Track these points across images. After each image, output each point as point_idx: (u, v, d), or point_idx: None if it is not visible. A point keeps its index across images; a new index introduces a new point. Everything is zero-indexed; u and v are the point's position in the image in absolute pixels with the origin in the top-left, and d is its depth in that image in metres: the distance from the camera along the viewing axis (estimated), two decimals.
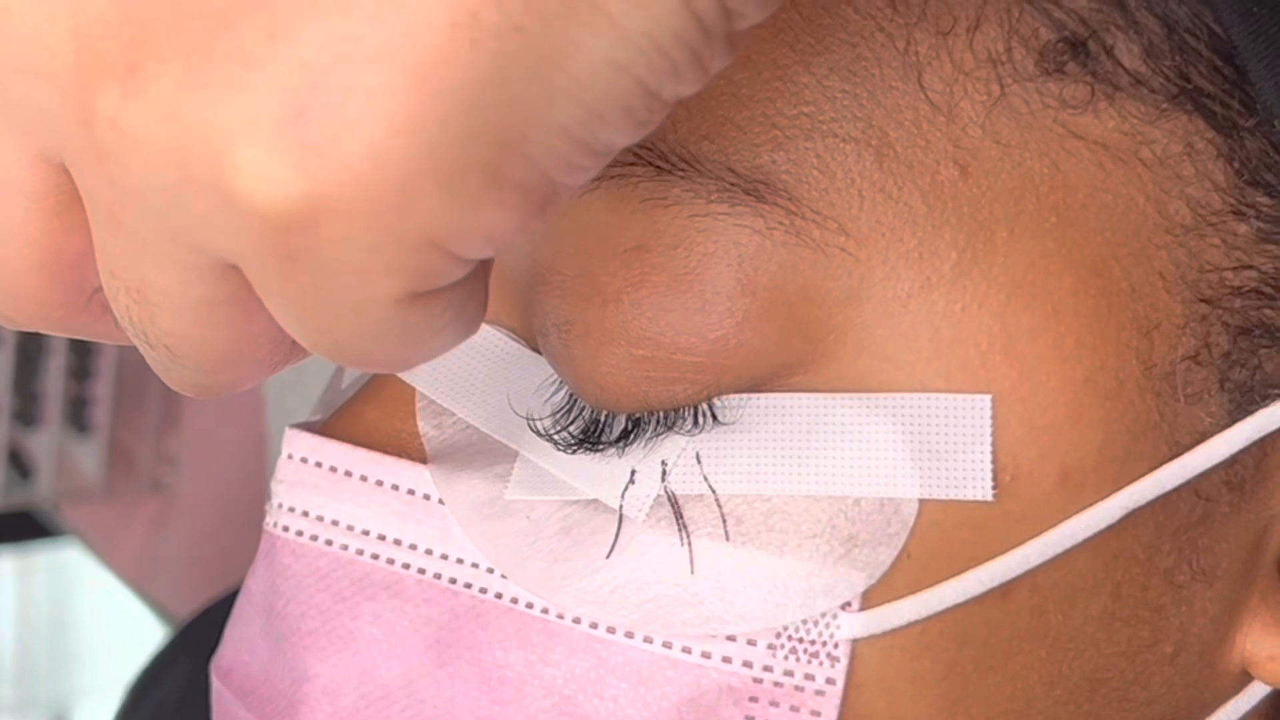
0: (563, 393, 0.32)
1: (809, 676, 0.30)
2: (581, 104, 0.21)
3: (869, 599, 0.29)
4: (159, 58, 0.22)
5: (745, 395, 0.30)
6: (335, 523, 0.33)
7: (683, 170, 0.29)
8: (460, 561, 0.32)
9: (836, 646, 0.29)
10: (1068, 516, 0.29)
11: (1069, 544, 0.29)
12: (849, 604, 0.29)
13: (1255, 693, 0.33)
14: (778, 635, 0.30)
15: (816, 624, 0.29)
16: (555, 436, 0.31)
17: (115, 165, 0.22)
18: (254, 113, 0.21)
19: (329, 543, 0.33)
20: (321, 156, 0.21)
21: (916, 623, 0.29)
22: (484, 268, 0.24)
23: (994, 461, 0.29)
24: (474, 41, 0.21)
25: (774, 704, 0.30)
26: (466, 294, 0.24)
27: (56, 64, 0.22)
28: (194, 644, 0.60)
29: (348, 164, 0.21)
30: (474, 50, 0.21)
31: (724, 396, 0.30)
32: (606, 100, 0.21)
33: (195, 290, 0.23)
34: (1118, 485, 0.30)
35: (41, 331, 0.26)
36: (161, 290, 0.24)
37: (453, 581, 0.32)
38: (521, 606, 0.31)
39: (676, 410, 0.30)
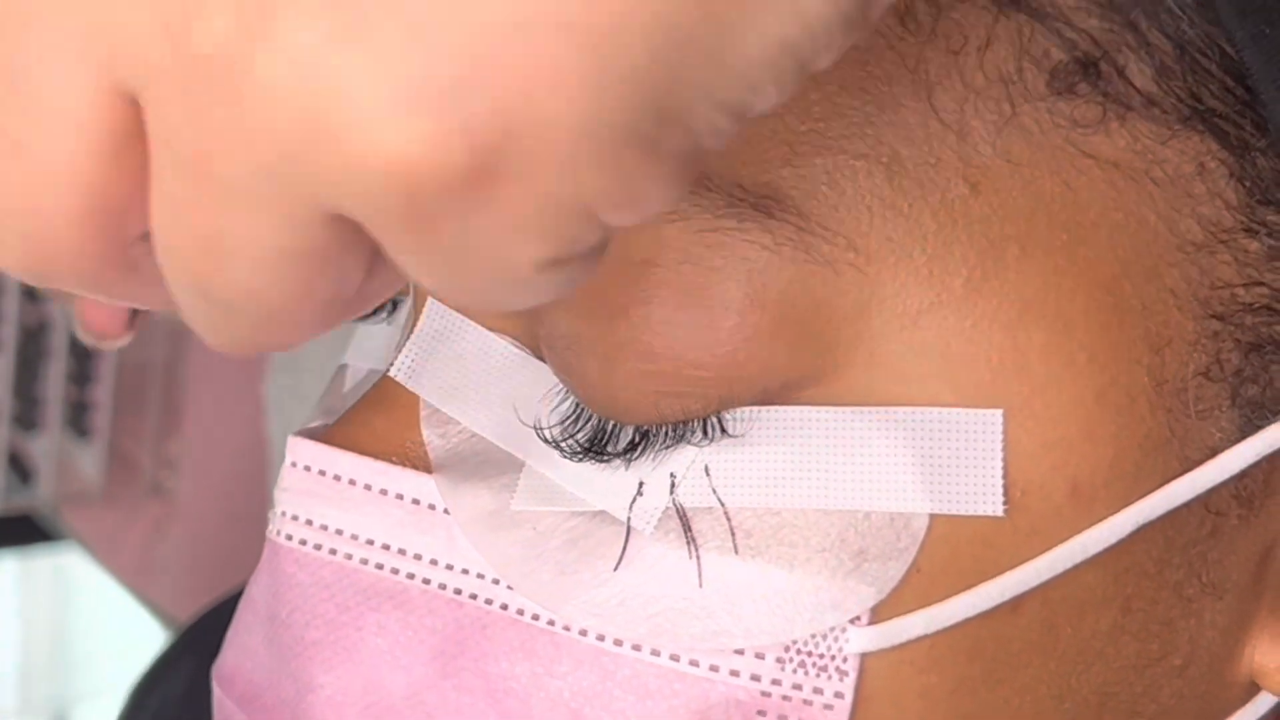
0: (569, 401, 0.31)
1: (817, 690, 0.29)
2: (747, 81, 0.21)
3: (878, 613, 0.29)
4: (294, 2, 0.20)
5: (755, 408, 0.30)
6: (339, 532, 0.33)
7: (690, 185, 0.29)
8: (465, 572, 0.32)
9: (845, 660, 0.29)
10: (1078, 531, 0.29)
11: (1079, 559, 0.29)
12: (858, 618, 0.29)
13: (1262, 704, 0.33)
14: (786, 649, 0.29)
15: (825, 638, 0.29)
16: (562, 444, 0.31)
17: (221, 107, 0.21)
18: (412, 77, 0.20)
19: (333, 552, 0.33)
20: (484, 124, 0.20)
21: (926, 637, 0.29)
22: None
23: (1005, 477, 0.29)
24: (655, 15, 0.20)
25: (782, 717, 0.30)
26: (594, 258, 0.23)
27: None
28: (196, 646, 0.60)
29: (513, 131, 0.20)
30: (652, 22, 0.20)
31: (734, 409, 0.30)
32: (769, 77, 0.21)
33: (287, 241, 0.22)
34: (1128, 500, 0.29)
35: (61, 288, 0.24)
36: (244, 240, 0.22)
37: (458, 592, 0.32)
38: (527, 618, 0.31)
39: (686, 422, 0.30)
